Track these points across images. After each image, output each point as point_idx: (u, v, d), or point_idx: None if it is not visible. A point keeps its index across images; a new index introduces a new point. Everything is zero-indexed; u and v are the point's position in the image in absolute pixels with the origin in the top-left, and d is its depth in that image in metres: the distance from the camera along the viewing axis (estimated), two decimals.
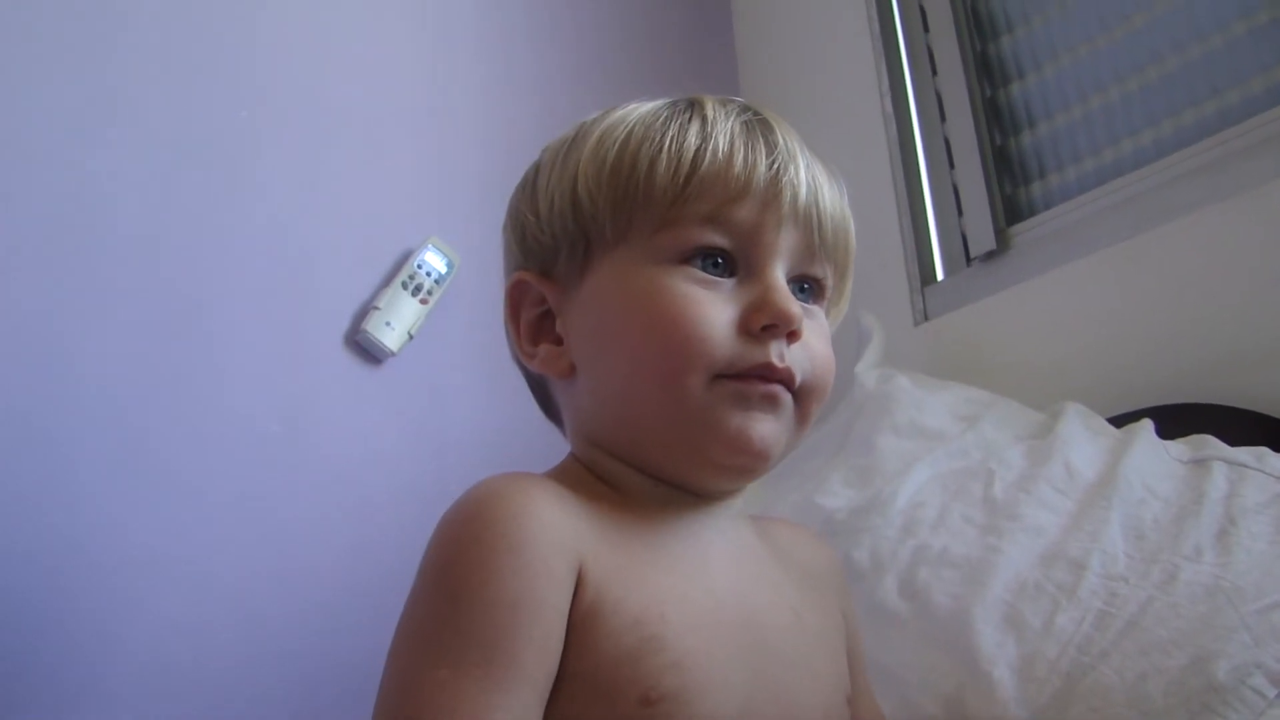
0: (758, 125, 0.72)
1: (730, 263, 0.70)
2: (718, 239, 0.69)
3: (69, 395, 1.13)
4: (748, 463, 0.69)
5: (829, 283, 0.75)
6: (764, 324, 0.67)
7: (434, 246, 1.43)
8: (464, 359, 1.45)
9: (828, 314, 0.77)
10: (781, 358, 0.68)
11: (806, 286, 0.74)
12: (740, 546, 0.74)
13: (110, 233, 1.21)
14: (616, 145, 0.71)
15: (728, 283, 0.69)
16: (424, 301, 1.40)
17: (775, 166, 0.70)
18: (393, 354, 1.37)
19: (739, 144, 0.70)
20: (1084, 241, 1.41)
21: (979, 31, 1.68)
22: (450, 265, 1.44)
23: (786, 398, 0.69)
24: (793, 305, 0.68)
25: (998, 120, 1.63)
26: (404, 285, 1.39)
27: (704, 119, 0.71)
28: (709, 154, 0.69)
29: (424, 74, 1.58)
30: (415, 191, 1.51)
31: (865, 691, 0.81)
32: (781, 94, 1.90)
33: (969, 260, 1.58)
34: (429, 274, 1.42)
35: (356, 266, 1.41)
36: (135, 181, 1.24)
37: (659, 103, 0.74)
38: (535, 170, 0.78)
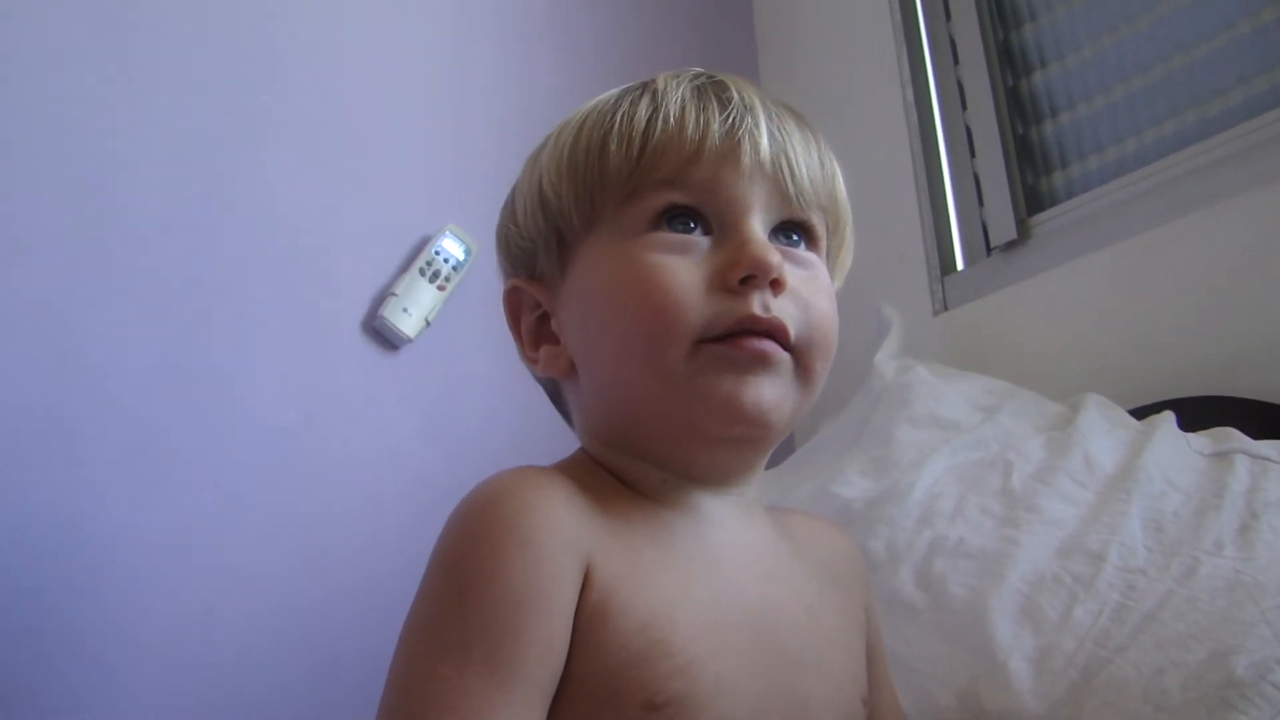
0: (711, 87, 0.71)
1: (703, 223, 0.68)
2: (679, 197, 0.68)
3: (83, 383, 1.13)
4: (745, 430, 0.67)
5: (820, 230, 0.73)
6: (741, 275, 0.65)
7: (452, 233, 1.43)
8: (481, 346, 1.45)
9: (831, 269, 0.75)
10: (766, 308, 0.65)
11: (796, 237, 0.71)
12: (754, 543, 0.72)
13: (126, 219, 1.21)
14: (571, 136, 0.72)
15: (702, 243, 0.67)
16: (441, 288, 1.40)
17: (730, 121, 0.69)
18: (410, 341, 1.37)
19: (690, 107, 0.69)
20: (1105, 232, 1.40)
21: (1001, 20, 1.66)
22: (468, 252, 1.44)
23: (780, 355, 0.66)
24: (770, 254, 0.66)
25: (1019, 109, 1.62)
26: (421, 272, 1.39)
27: (654, 93, 0.71)
28: (660, 123, 0.69)
29: (443, 60, 1.57)
30: (433, 178, 1.51)
31: (885, 688, 0.80)
32: (803, 83, 1.89)
33: (989, 250, 1.57)
34: (447, 260, 1.42)
35: (374, 253, 1.41)
36: (152, 167, 1.24)
37: (615, 90, 0.74)
38: (514, 187, 0.79)
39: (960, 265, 1.60)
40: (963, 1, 1.68)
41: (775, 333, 0.66)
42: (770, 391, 0.66)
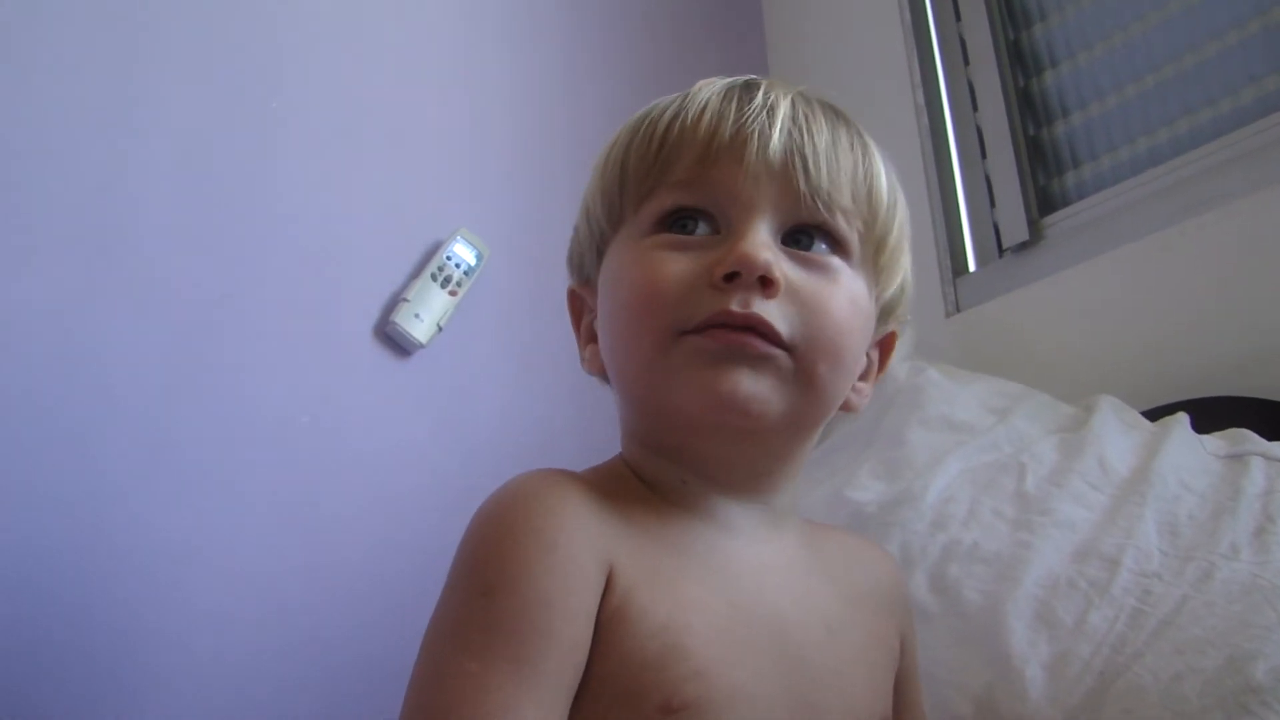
0: (739, 90, 0.71)
1: (712, 224, 0.68)
2: (687, 199, 0.69)
3: (97, 389, 1.13)
4: (729, 418, 0.66)
5: (849, 234, 0.70)
6: (726, 272, 0.65)
7: (463, 238, 1.43)
8: (493, 351, 1.45)
9: (876, 270, 0.73)
10: (745, 305, 0.64)
11: (816, 241, 0.69)
12: (774, 555, 0.72)
13: (137, 225, 1.21)
14: (609, 145, 0.75)
15: (708, 242, 0.68)
16: (453, 293, 1.40)
17: (744, 120, 0.69)
18: (422, 346, 1.37)
19: (711, 108, 0.70)
20: (1118, 232, 1.39)
21: (1012, 20, 1.66)
22: (479, 257, 1.44)
23: (766, 350, 0.65)
24: (760, 252, 0.65)
25: (1031, 110, 1.62)
26: (433, 277, 1.39)
27: (685, 96, 0.72)
28: (679, 124, 0.70)
29: (453, 64, 1.57)
30: (444, 182, 1.51)
31: (916, 715, 0.79)
32: (813, 85, 1.89)
33: (1001, 251, 1.57)
34: (458, 265, 1.42)
35: (385, 258, 1.41)
36: (162, 173, 1.25)
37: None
38: None
39: (972, 267, 1.60)
40: (973, 2, 1.68)
41: (758, 328, 0.65)
42: (751, 384, 0.65)
